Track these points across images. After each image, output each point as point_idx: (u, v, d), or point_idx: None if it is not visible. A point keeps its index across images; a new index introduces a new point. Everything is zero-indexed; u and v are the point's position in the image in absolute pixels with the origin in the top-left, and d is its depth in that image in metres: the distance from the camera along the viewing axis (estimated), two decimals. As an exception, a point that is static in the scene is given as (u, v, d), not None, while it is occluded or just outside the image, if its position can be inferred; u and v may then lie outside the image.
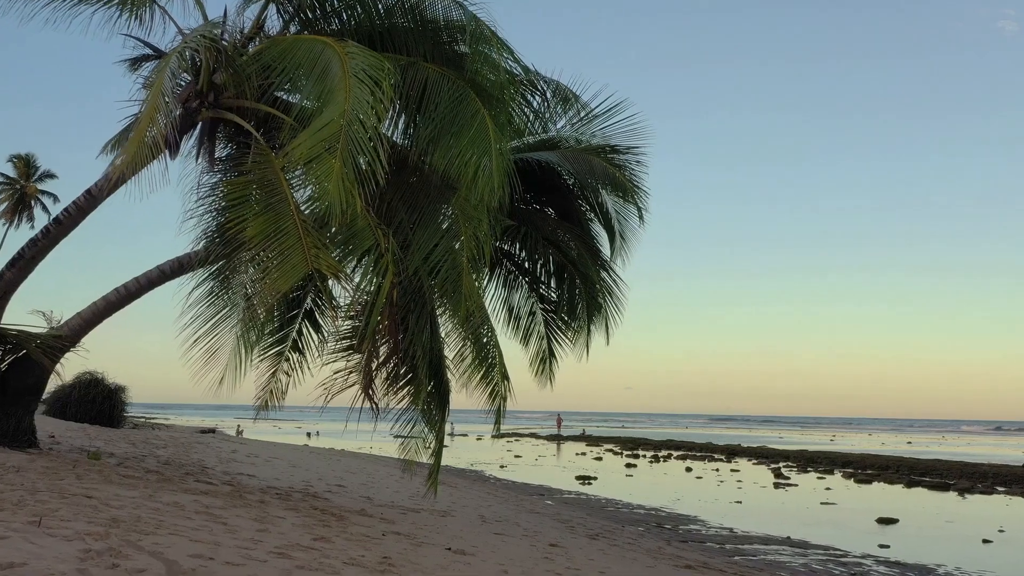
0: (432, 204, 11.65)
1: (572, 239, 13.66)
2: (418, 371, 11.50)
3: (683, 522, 19.63)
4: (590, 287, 13.56)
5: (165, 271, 13.01)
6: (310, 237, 10.25)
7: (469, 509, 15.82)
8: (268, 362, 14.25)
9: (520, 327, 14.81)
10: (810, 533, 18.38)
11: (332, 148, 9.51)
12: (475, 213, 11.18)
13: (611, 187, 13.91)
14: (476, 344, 12.03)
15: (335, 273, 10.18)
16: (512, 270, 14.48)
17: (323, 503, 12.50)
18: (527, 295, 14.64)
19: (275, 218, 10.38)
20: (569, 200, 14.57)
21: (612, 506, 22.87)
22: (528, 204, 14.63)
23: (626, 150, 13.82)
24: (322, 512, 11.11)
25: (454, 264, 11.29)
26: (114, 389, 25.78)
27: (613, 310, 14.01)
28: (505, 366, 12.17)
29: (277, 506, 10.90)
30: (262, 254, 10.44)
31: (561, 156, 13.80)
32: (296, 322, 14.18)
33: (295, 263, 10.12)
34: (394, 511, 13.15)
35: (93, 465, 11.86)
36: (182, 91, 11.61)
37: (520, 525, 14.14)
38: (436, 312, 11.98)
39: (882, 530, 19.84)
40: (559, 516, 17.25)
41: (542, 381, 14.61)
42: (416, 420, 12.62)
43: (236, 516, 9.12)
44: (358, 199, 9.95)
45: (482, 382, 11.93)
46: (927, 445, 69.79)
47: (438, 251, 11.31)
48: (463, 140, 10.54)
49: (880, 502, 26.17)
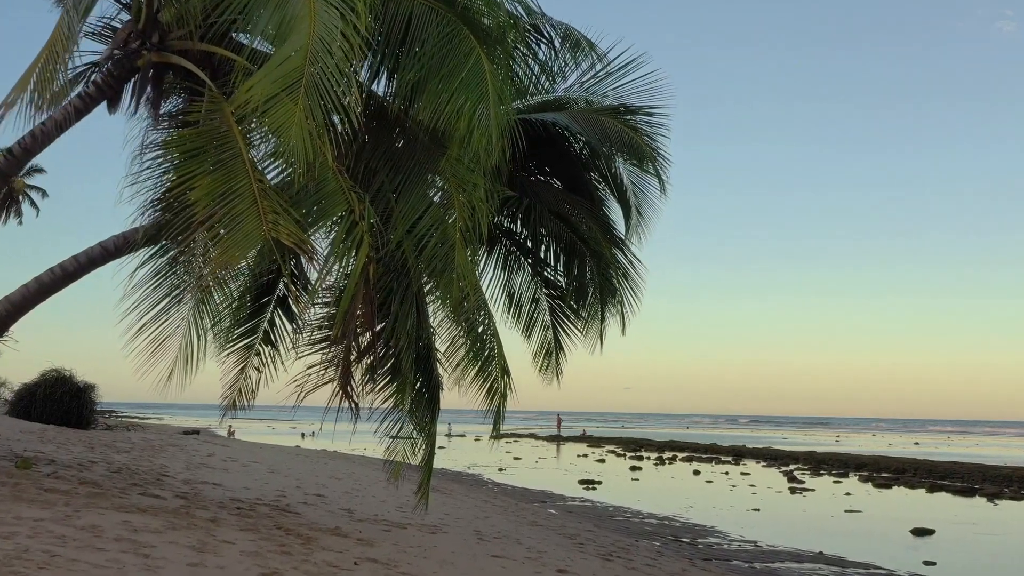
0: (418, 167, 9.81)
1: (582, 214, 11.83)
2: (402, 364, 9.66)
3: (701, 534, 17.79)
4: (603, 268, 11.72)
5: (108, 248, 11.13)
6: (268, 200, 8.41)
7: (464, 523, 13.98)
8: (236, 356, 12.40)
9: (522, 316, 12.94)
10: (843, 547, 16.55)
11: (293, 89, 7.69)
12: (469, 177, 9.35)
13: (627, 154, 12.06)
14: (471, 333, 10.20)
15: (298, 244, 8.33)
16: (513, 250, 12.62)
17: (292, 519, 10.66)
18: (530, 279, 12.78)
19: (226, 177, 8.53)
20: (578, 170, 12.72)
21: (620, 515, 21.04)
22: (531, 174, 12.79)
23: (644, 111, 11.98)
24: (286, 532, 9.27)
25: (444, 237, 9.45)
26: (82, 387, 23.90)
27: (630, 295, 12.17)
28: (505, 359, 10.34)
29: (231, 525, 9.06)
30: (213, 222, 8.58)
31: (570, 117, 11.96)
32: (267, 311, 12.32)
33: (249, 231, 8.28)
34: (376, 527, 11.31)
35: (15, 476, 10.01)
36: (120, 30, 9.77)
37: (522, 543, 12.30)
38: (424, 295, 10.14)
39: (920, 543, 18.01)
40: (564, 529, 15.41)
41: (547, 377, 12.77)
42: (404, 421, 10.82)
43: (168, 543, 7.28)
44: (328, 152, 8.13)
45: (478, 377, 10.10)
46: (935, 446, 68.00)
47: (425, 222, 9.47)
48: (454, 84, 8.72)
49: (908, 510, 24.37)
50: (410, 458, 10.97)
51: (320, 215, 8.94)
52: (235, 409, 12.62)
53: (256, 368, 12.58)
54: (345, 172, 9.17)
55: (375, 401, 10.67)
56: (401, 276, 9.65)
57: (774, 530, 18.65)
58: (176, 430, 39.66)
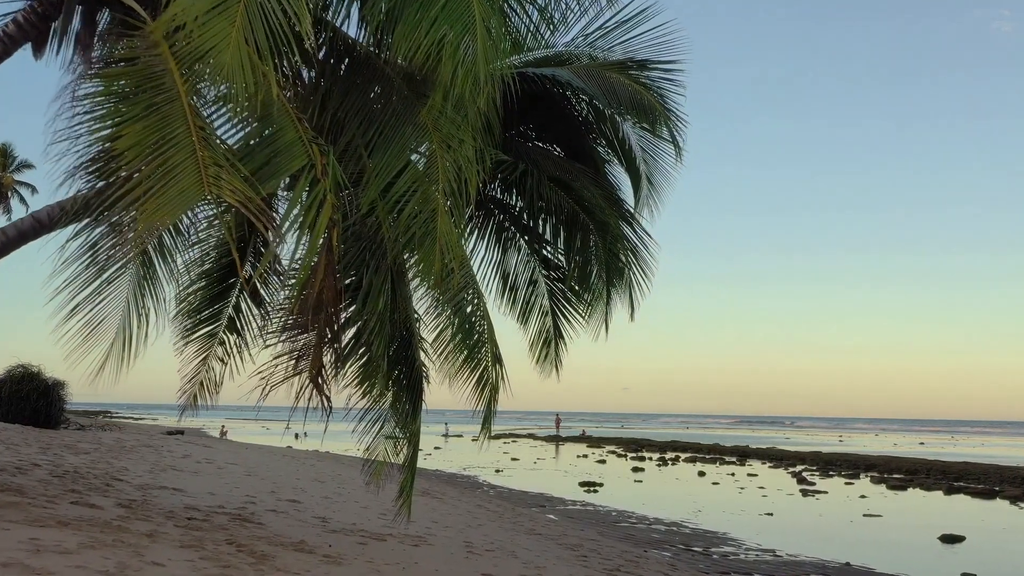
0: (395, 119, 8.33)
1: (586, 182, 10.37)
2: (374, 350, 8.20)
3: (714, 541, 16.34)
4: (609, 244, 10.25)
5: (41, 220, 9.65)
6: (210, 152, 6.94)
7: (453, 532, 12.53)
8: (197, 345, 10.97)
9: (518, 300, 11.46)
10: (869, 556, 15.12)
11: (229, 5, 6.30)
12: (455, 132, 7.90)
13: (636, 115, 10.60)
14: (458, 314, 8.76)
15: (245, 203, 6.85)
16: (507, 225, 11.15)
17: (250, 531, 9.21)
18: (527, 258, 11.30)
19: (161, 123, 7.05)
20: (581, 135, 11.26)
21: (625, 520, 19.59)
22: (528, 140, 11.34)
23: (657, 66, 10.52)
24: (237, 548, 7.83)
25: (425, 200, 7.97)
26: (51, 385, 22.40)
27: (639, 275, 10.71)
28: (497, 345, 8.90)
29: (170, 541, 7.61)
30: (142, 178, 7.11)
31: (572, 72, 10.50)
32: (232, 294, 10.88)
33: (186, 187, 6.79)
34: (350, 540, 9.88)
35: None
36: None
37: (518, 556, 10.86)
38: (404, 270, 8.69)
39: (950, 551, 16.58)
40: (565, 539, 13.95)
41: (546, 368, 11.30)
42: (384, 417, 9.39)
43: (74, 568, 5.83)
44: (274, 84, 6.69)
45: (466, 366, 8.65)
46: (941, 446, 66.64)
47: (402, 182, 7.99)
48: (433, 10, 7.25)
49: (929, 514, 22.95)
50: (392, 459, 9.55)
51: (274, 171, 7.47)
52: (195, 405, 11.21)
53: (220, 359, 11.14)
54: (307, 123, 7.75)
55: (350, 395, 9.26)
56: (373, 246, 8.20)
57: (792, 537, 17.21)
58: (160, 430, 38.17)
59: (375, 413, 9.22)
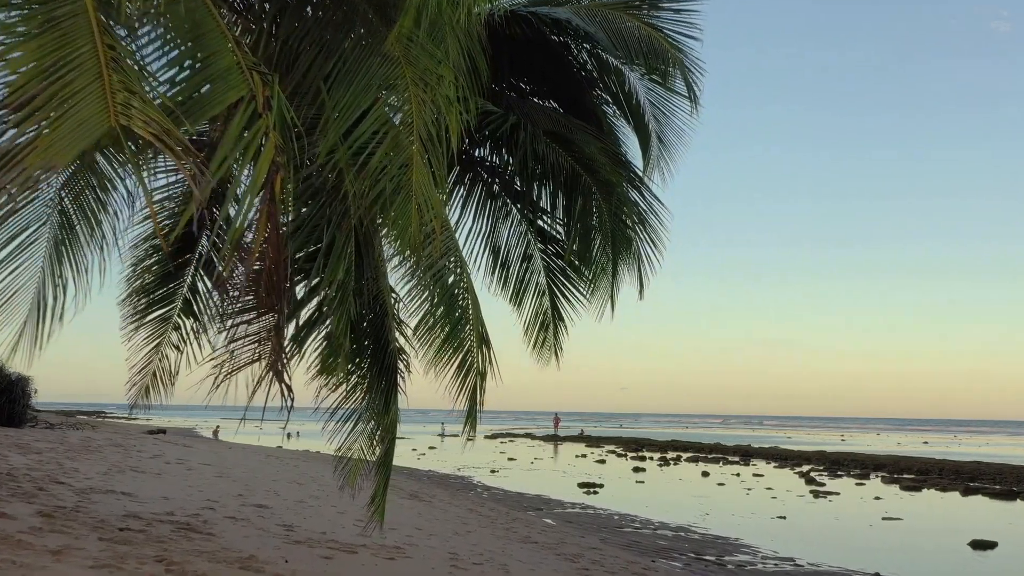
0: (360, 49, 6.93)
1: (587, 138, 8.97)
2: (334, 326, 6.80)
3: (727, 549, 14.94)
4: (615, 207, 8.85)
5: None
6: (121, 75, 5.52)
7: (438, 540, 11.13)
8: (148, 331, 9.59)
9: (510, 278, 10.05)
10: (897, 565, 13.74)
11: None
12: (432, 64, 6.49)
13: (645, 63, 9.20)
14: (439, 284, 7.37)
15: (161, 137, 5.43)
16: (498, 191, 9.74)
17: (194, 543, 7.81)
18: (520, 230, 9.90)
19: (60, 41, 5.63)
20: (581, 89, 9.86)
21: (628, 523, 18.19)
22: (521, 95, 9.93)
23: (668, 5, 9.13)
24: (167, 568, 6.43)
25: (396, 147, 6.56)
26: (15, 380, 20.98)
27: (649, 246, 9.31)
28: (484, 324, 7.51)
29: (81, 560, 6.20)
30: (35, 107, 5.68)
31: (572, 12, 9.11)
32: (187, 273, 9.47)
33: (87, 117, 5.38)
34: (314, 553, 8.48)
35: None
36: None
37: (510, 570, 9.45)
38: (372, 232, 7.30)
39: (983, 558, 15.20)
40: (564, 547, 12.54)
41: (543, 355, 9.90)
42: (356, 410, 8.04)
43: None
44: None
45: (448, 347, 7.26)
46: (946, 445, 65.38)
47: (368, 123, 6.57)
48: (402, -100, 5.87)
49: (952, 517, 21.61)
50: (368, 456, 8.19)
51: (205, 104, 6.05)
52: (147, 399, 9.83)
53: (175, 346, 9.75)
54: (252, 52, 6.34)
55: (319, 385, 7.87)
56: (335, 202, 6.81)
57: (810, 543, 15.83)
58: (142, 430, 36.72)
59: (343, 404, 7.89)
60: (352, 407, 7.97)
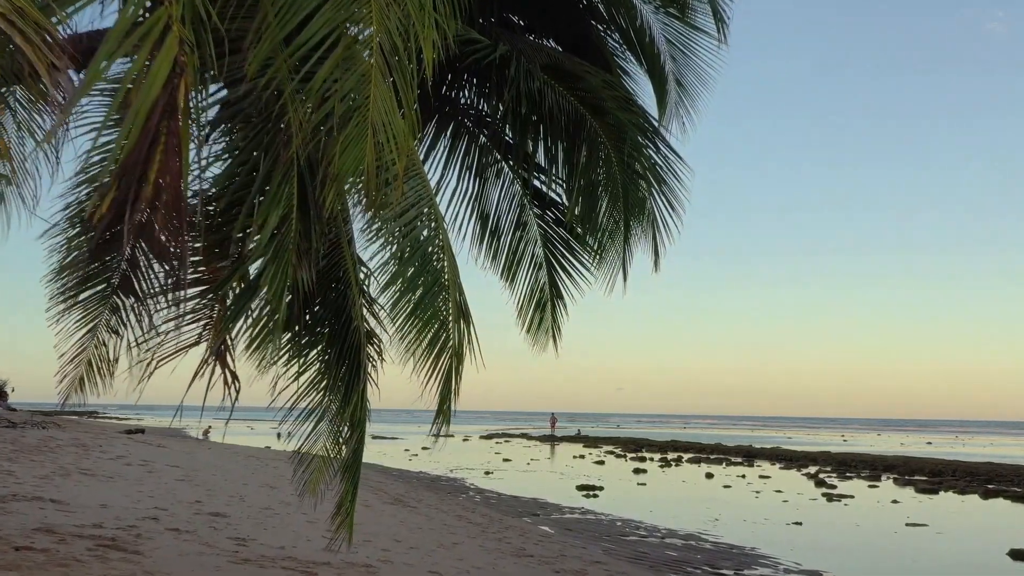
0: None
1: (593, 72, 7.47)
2: (269, 292, 5.28)
3: (743, 561, 13.42)
4: (625, 156, 7.35)
5: None
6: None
7: (419, 554, 9.61)
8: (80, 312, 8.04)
9: (501, 249, 8.52)
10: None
11: None
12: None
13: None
14: (408, 240, 5.86)
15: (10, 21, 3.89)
16: (487, 144, 8.24)
17: (110, 565, 6.31)
18: (514, 192, 8.39)
19: None
20: (585, 24, 8.38)
21: (632, 531, 16.68)
22: (514, 30, 8.42)
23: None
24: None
25: (350, 62, 5.01)
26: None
27: (665, 208, 7.81)
28: (463, 292, 6.01)
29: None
30: None
31: (573, -74, 7.65)
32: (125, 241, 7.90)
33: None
34: (264, 575, 6.96)
35: None
36: None
37: (500, 594, 7.95)
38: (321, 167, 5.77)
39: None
40: (564, 562, 11.02)
41: (539, 339, 8.40)
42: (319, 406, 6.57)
43: None
44: None
45: (415, 321, 5.74)
46: (950, 446, 64.00)
47: (315, 26, 5.02)
48: None
49: (979, 523, 20.17)
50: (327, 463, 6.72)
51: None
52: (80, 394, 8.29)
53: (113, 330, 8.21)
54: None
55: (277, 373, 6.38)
56: (269, 127, 5.30)
57: (833, 554, 14.33)
58: (118, 429, 35.16)
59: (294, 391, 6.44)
60: (308, 396, 6.51)
